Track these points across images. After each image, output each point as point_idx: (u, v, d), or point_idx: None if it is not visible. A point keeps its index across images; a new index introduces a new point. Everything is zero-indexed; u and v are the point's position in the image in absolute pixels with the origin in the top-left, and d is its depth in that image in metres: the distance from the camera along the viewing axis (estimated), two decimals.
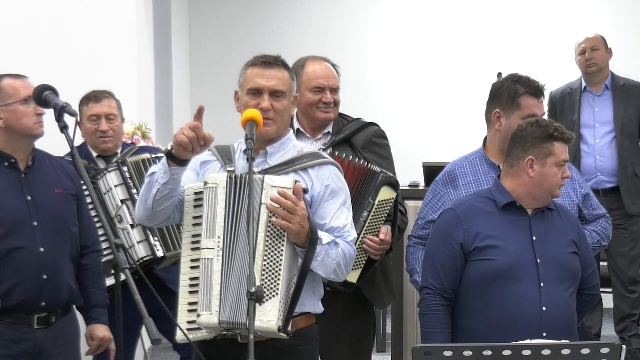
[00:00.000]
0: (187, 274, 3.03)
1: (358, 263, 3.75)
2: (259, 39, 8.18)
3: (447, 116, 8.27)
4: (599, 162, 5.91)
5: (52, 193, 3.69)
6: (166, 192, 3.01)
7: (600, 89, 6.01)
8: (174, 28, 7.88)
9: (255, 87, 3.10)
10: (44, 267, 3.58)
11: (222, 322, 2.92)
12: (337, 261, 3.04)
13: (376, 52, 8.46)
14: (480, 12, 8.34)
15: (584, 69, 6.01)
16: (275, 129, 3.11)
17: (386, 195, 3.80)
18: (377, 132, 4.01)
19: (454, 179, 3.76)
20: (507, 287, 3.36)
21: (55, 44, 5.92)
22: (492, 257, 3.39)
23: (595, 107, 5.99)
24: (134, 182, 4.33)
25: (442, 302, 3.46)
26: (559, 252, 3.41)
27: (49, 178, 3.71)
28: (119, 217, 4.32)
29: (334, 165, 3.17)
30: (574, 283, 3.44)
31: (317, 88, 3.86)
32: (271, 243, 2.94)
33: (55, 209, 3.67)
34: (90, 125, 4.46)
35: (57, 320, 3.66)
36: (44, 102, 3.13)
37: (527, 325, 3.30)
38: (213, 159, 3.20)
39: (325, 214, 3.09)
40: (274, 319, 2.88)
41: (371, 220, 3.77)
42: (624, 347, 2.79)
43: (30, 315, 3.58)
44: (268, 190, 2.95)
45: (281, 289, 2.90)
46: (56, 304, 3.65)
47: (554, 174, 3.41)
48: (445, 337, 3.44)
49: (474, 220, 3.45)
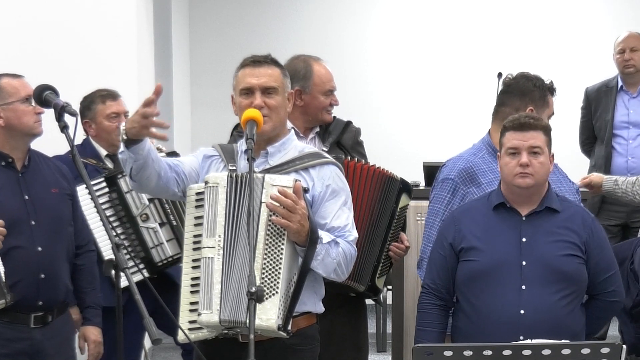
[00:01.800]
0: (188, 274, 3.04)
1: (384, 270, 3.84)
2: (259, 39, 8.18)
3: (447, 116, 8.27)
4: (631, 162, 5.85)
5: (49, 193, 3.69)
6: (140, 163, 3.03)
7: (637, 90, 5.93)
8: (174, 28, 7.88)
9: (247, 86, 3.11)
10: (42, 267, 3.58)
11: (223, 321, 2.92)
12: (337, 260, 3.04)
13: (376, 52, 8.45)
14: (481, 12, 8.34)
15: (621, 69, 5.93)
16: (272, 126, 3.10)
17: (405, 202, 3.85)
18: (358, 132, 4.03)
19: (473, 176, 3.69)
20: (487, 289, 3.37)
21: (56, 44, 5.92)
22: (475, 259, 3.41)
23: (630, 108, 5.94)
24: None
25: (436, 301, 3.49)
26: (549, 254, 3.35)
27: (45, 178, 3.71)
28: (144, 216, 4.34)
29: (335, 165, 3.17)
30: (568, 287, 3.35)
31: (329, 92, 3.87)
32: (271, 242, 2.94)
33: (52, 209, 3.68)
34: (109, 124, 4.46)
35: (53, 320, 3.66)
36: (44, 102, 3.13)
37: (504, 327, 3.29)
38: (217, 154, 3.21)
39: (326, 213, 3.09)
40: (273, 318, 2.88)
41: (394, 228, 3.82)
42: (624, 347, 2.79)
43: (27, 315, 3.58)
44: (268, 189, 2.95)
45: (281, 287, 2.91)
46: (53, 303, 3.65)
47: (506, 164, 3.40)
48: (435, 336, 3.46)
49: (466, 221, 3.47)
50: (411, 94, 8.37)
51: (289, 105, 3.19)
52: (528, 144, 3.36)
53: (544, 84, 3.79)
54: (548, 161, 3.41)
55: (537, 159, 3.36)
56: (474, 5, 8.37)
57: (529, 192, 3.40)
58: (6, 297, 3.43)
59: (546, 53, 8.04)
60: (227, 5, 8.54)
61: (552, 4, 8.30)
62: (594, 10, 8.26)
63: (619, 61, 5.94)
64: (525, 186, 3.37)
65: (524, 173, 3.35)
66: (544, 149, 3.38)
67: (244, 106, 3.08)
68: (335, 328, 3.72)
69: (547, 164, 3.40)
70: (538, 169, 3.36)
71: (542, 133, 3.40)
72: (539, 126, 3.40)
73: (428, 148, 7.61)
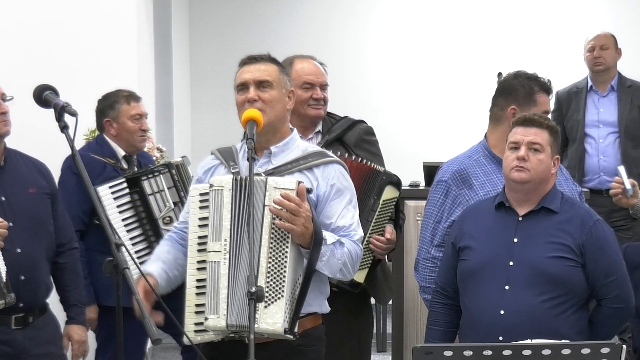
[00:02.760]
0: (193, 276, 3.03)
1: (365, 263, 3.76)
2: (259, 39, 8.18)
3: (447, 116, 8.27)
4: (603, 162, 5.88)
5: (26, 193, 3.64)
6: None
7: (606, 89, 5.97)
8: (174, 28, 7.88)
9: (241, 82, 3.12)
10: (22, 268, 3.53)
11: (230, 326, 2.92)
12: (342, 261, 3.04)
13: (376, 52, 8.45)
14: (481, 12, 8.34)
15: (591, 66, 5.96)
16: (267, 120, 3.07)
17: (390, 195, 3.82)
18: (367, 130, 4.02)
19: (466, 179, 3.67)
20: (474, 288, 3.38)
21: (56, 44, 5.92)
22: (467, 258, 3.42)
23: (600, 107, 5.97)
24: (182, 186, 4.41)
25: (442, 300, 3.52)
26: (537, 256, 3.31)
27: (22, 178, 3.66)
28: (168, 219, 4.36)
29: (339, 164, 3.17)
30: (554, 289, 3.29)
31: (307, 84, 3.85)
32: (275, 245, 2.93)
33: (30, 209, 3.63)
34: (133, 124, 4.51)
35: (34, 320, 3.62)
36: (44, 102, 3.12)
37: (484, 327, 3.29)
38: (216, 162, 3.20)
39: (332, 213, 3.09)
40: (279, 322, 2.88)
41: (376, 220, 3.78)
42: (625, 347, 2.78)
43: (8, 316, 3.53)
44: (272, 192, 2.94)
45: (286, 290, 2.90)
46: (34, 304, 3.61)
47: (506, 157, 3.40)
48: (439, 334, 3.48)
49: (469, 221, 3.48)
50: (411, 94, 8.38)
51: (289, 102, 3.18)
52: (528, 139, 3.35)
53: (531, 83, 3.71)
54: (549, 161, 3.38)
55: (536, 156, 3.35)
56: (474, 5, 8.37)
57: (525, 188, 3.37)
58: (6, 298, 3.40)
59: (546, 53, 8.05)
60: (227, 5, 8.54)
61: (552, 4, 8.30)
62: (594, 10, 8.26)
63: (589, 59, 5.98)
64: (520, 180, 3.34)
65: (520, 167, 3.33)
66: (546, 147, 3.36)
67: (239, 102, 3.09)
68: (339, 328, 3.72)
69: (546, 163, 3.37)
70: (535, 165, 3.34)
71: (547, 132, 3.38)
72: (543, 124, 3.39)
73: (428, 148, 7.62)
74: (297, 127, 3.90)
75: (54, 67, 5.65)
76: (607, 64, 5.94)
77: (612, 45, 5.99)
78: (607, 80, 5.98)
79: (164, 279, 3.09)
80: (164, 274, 3.09)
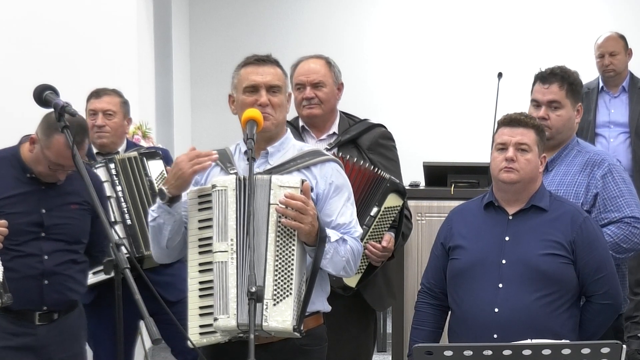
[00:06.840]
0: (196, 278, 3.01)
1: (359, 268, 3.71)
2: (259, 39, 8.18)
3: (448, 116, 8.27)
4: None
5: (67, 208, 3.69)
6: (176, 228, 3.06)
7: (618, 90, 6.01)
8: (174, 28, 7.88)
9: (252, 84, 3.11)
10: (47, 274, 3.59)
11: (241, 325, 2.90)
12: (346, 258, 3.05)
13: (376, 52, 8.45)
14: (481, 12, 8.34)
15: (602, 73, 6.01)
16: (275, 124, 3.11)
17: (393, 203, 3.80)
18: (383, 134, 4.00)
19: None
20: (467, 287, 3.39)
21: (56, 44, 5.92)
22: (458, 257, 3.44)
23: (611, 108, 5.98)
24: (120, 180, 4.29)
25: (429, 300, 3.54)
26: (530, 253, 3.33)
27: (66, 191, 3.70)
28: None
29: (335, 162, 3.18)
30: (547, 287, 3.30)
31: (298, 85, 3.85)
32: (282, 243, 2.93)
33: (66, 224, 3.68)
34: (89, 121, 4.43)
35: (59, 318, 3.67)
36: (44, 102, 3.12)
37: (479, 325, 3.30)
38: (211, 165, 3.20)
39: (331, 211, 3.10)
40: (289, 319, 2.89)
41: (375, 227, 3.77)
42: (625, 347, 2.78)
43: (32, 313, 3.60)
44: (276, 191, 2.94)
45: (294, 288, 2.91)
46: (57, 305, 3.66)
47: (494, 159, 3.42)
48: (425, 334, 3.49)
49: (458, 220, 3.51)
50: (411, 94, 8.37)
51: (287, 106, 3.21)
52: (516, 139, 3.37)
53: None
54: (536, 160, 3.40)
55: (524, 156, 3.37)
56: (474, 6, 8.37)
57: (515, 188, 3.39)
58: (2, 297, 3.41)
59: (546, 53, 8.03)
60: (227, 5, 8.54)
61: (552, 4, 8.30)
62: (595, 11, 8.26)
63: (599, 65, 6.04)
64: (509, 181, 3.37)
65: (509, 168, 3.35)
66: (532, 147, 3.38)
67: (248, 103, 3.08)
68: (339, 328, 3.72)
69: (534, 162, 3.39)
70: (524, 165, 3.36)
71: (533, 132, 3.40)
72: (529, 124, 3.41)
73: (428, 148, 7.62)
74: (310, 128, 3.90)
75: (54, 67, 5.66)
76: (618, 70, 5.99)
77: (621, 49, 6.00)
78: (619, 82, 6.03)
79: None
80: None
